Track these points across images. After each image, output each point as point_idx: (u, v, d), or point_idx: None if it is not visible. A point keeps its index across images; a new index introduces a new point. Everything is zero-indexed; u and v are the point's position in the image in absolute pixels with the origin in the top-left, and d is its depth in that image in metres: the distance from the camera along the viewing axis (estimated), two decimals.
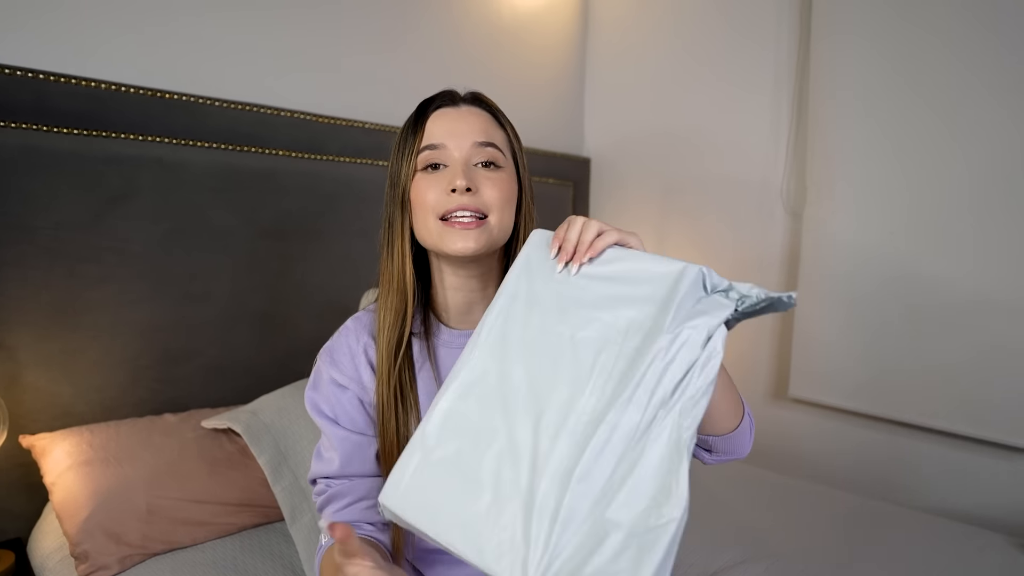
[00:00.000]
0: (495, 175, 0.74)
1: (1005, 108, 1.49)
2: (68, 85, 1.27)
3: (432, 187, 0.73)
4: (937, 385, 1.63)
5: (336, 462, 0.74)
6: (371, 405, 0.77)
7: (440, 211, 0.72)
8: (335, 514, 0.72)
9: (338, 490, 0.74)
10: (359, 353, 0.77)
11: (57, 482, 1.10)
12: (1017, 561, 1.20)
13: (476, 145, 0.74)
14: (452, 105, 0.77)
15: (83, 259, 1.29)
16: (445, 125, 0.75)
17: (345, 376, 0.77)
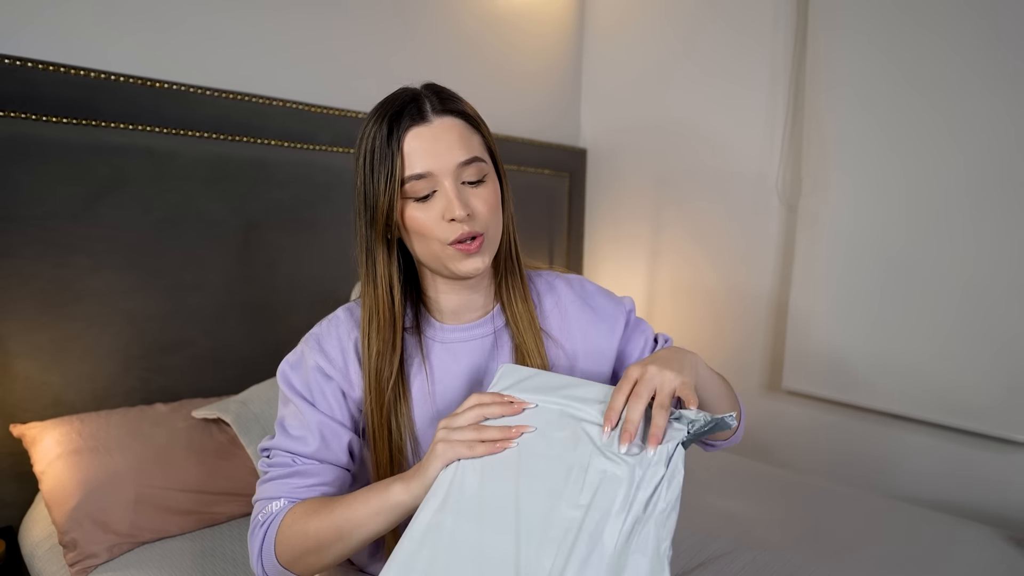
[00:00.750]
0: (483, 190, 0.73)
1: (1000, 101, 1.49)
2: (57, 74, 1.26)
3: (429, 216, 0.72)
4: (930, 377, 1.63)
5: (313, 444, 0.74)
6: (355, 401, 0.77)
7: (445, 240, 0.72)
8: (300, 489, 0.72)
9: (306, 468, 0.73)
10: (349, 348, 0.77)
11: (47, 471, 1.11)
12: (1005, 554, 1.20)
13: (460, 166, 0.72)
14: (424, 121, 0.71)
15: (73, 249, 1.28)
16: (424, 147, 0.71)
17: (333, 368, 0.76)
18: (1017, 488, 1.55)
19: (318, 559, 0.69)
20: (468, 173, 0.72)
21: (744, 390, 2.05)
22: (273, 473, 0.74)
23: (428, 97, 0.73)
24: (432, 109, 0.72)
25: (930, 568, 1.14)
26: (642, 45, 2.23)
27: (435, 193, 0.72)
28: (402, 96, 0.73)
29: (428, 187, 0.71)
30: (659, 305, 2.25)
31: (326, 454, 0.74)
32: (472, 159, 0.72)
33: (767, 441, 2.01)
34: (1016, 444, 1.54)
